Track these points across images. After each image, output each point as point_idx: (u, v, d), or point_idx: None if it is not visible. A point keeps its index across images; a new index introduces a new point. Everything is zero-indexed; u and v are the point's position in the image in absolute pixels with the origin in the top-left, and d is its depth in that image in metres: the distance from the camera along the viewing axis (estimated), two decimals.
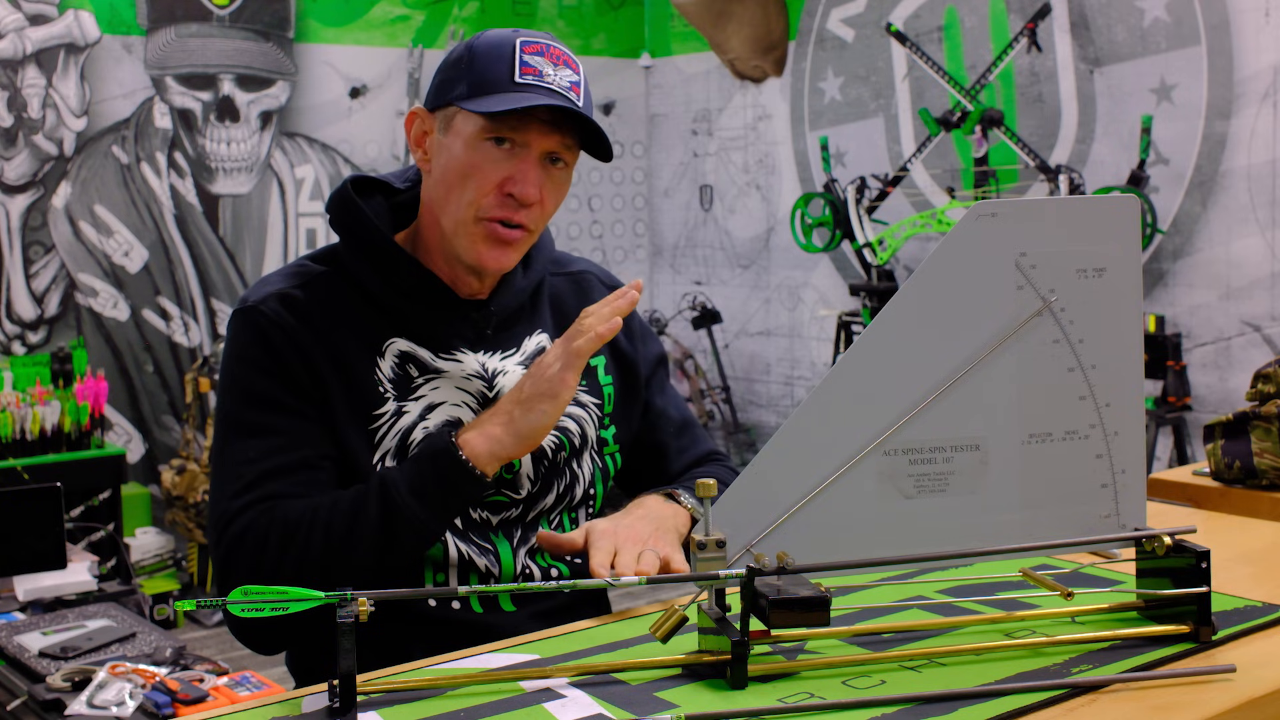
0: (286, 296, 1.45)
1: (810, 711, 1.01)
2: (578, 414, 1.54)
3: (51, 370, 4.71)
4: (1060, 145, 4.78)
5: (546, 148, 1.42)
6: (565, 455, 1.52)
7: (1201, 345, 4.38)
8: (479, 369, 1.49)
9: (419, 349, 1.47)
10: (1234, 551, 1.46)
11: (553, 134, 1.41)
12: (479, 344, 1.50)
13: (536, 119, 1.39)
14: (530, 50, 1.41)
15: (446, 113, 1.44)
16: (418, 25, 5.92)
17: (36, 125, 4.97)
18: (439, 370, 1.47)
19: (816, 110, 5.76)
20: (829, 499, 1.13)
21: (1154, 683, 1.06)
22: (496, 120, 1.39)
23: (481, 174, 1.40)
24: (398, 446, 1.43)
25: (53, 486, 3.19)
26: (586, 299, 1.60)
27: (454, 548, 1.45)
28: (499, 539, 1.48)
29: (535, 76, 1.39)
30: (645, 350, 1.65)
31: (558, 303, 1.60)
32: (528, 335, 1.55)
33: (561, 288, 1.62)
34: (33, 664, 2.49)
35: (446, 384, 1.47)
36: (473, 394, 1.48)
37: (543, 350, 1.54)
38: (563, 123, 1.41)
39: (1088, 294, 1.17)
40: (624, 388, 1.62)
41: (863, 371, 1.14)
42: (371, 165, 5.80)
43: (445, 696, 1.06)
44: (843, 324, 5.27)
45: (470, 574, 1.46)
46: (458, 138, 1.42)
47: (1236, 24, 4.26)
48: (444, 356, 1.48)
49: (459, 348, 1.49)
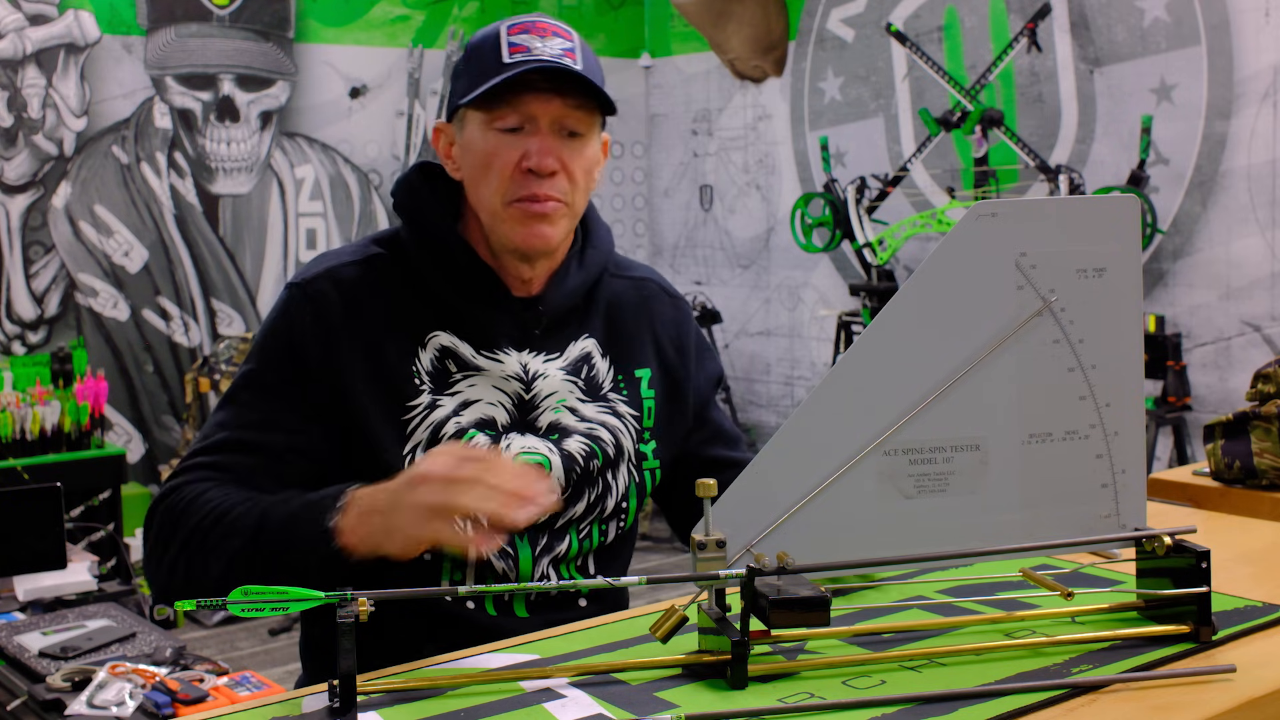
0: (338, 276, 1.46)
1: (810, 711, 1.01)
2: (613, 424, 1.51)
3: (51, 370, 4.71)
4: (1060, 145, 4.78)
5: (552, 116, 1.42)
6: (599, 464, 1.49)
7: (1201, 345, 4.38)
8: (519, 370, 1.47)
9: (460, 344, 1.46)
10: (1234, 551, 1.46)
11: (553, 99, 1.41)
12: (525, 343, 1.49)
13: (534, 89, 1.41)
14: (516, 30, 1.43)
15: (458, 117, 1.48)
16: (418, 25, 5.92)
17: (36, 125, 4.97)
18: (478, 368, 1.46)
19: (816, 110, 5.76)
20: (829, 499, 1.13)
21: (1154, 683, 1.06)
22: (494, 100, 1.41)
23: (499, 159, 1.42)
24: (429, 439, 1.42)
25: (53, 486, 3.19)
26: (648, 309, 1.59)
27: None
28: (521, 543, 1.46)
29: (523, 53, 1.41)
30: (703, 370, 1.63)
31: (614, 307, 1.57)
32: (574, 340, 1.53)
33: (622, 292, 1.59)
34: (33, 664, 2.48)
35: (484, 382, 1.46)
36: (509, 394, 1.46)
37: (588, 356, 1.52)
38: (563, 88, 1.42)
39: (1088, 294, 1.17)
40: (670, 405, 1.58)
41: (863, 371, 1.14)
42: (371, 165, 5.81)
43: (445, 696, 1.06)
44: (843, 324, 5.27)
45: (487, 575, 1.44)
46: (471, 134, 1.46)
47: (1236, 24, 4.26)
48: (485, 354, 1.46)
49: (504, 346, 1.48)
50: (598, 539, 1.51)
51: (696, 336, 1.65)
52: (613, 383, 1.54)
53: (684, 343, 1.62)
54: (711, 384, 1.65)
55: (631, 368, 1.56)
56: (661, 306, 1.62)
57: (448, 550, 1.42)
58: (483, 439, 1.43)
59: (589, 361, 1.53)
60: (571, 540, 1.48)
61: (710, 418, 1.65)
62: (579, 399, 1.50)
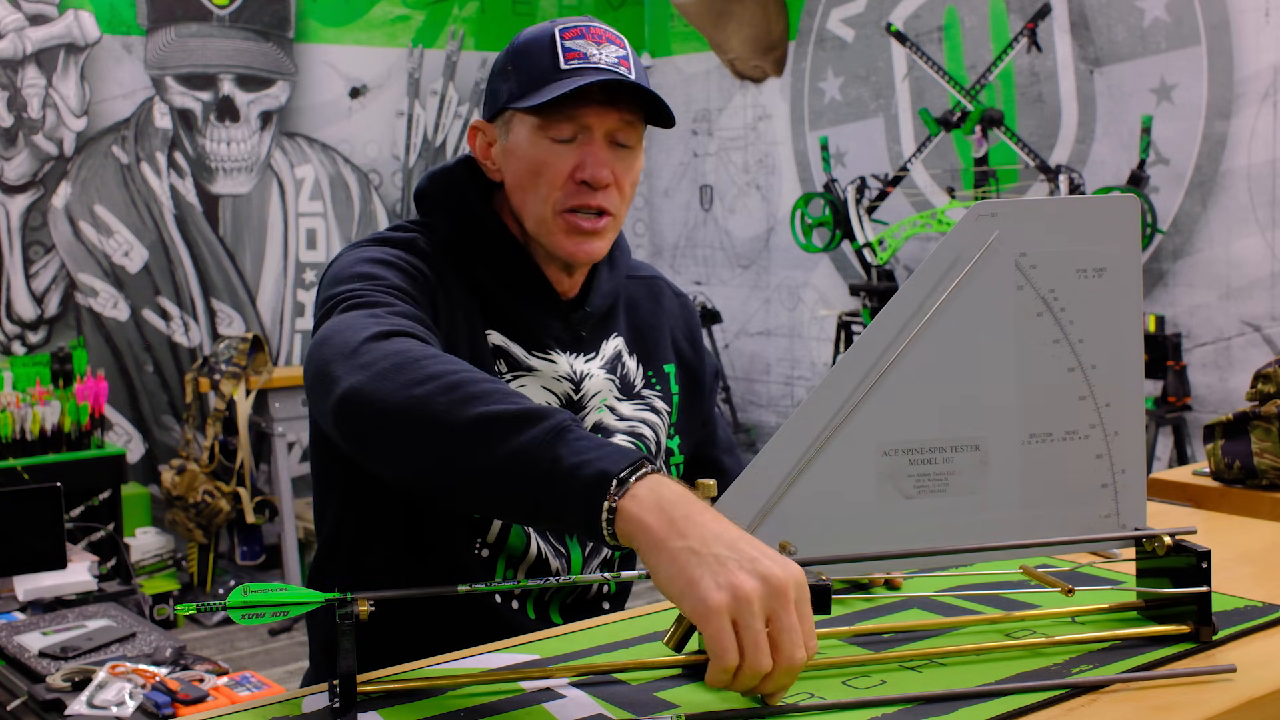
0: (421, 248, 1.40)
1: (810, 711, 1.00)
2: (652, 420, 1.51)
3: (51, 370, 4.72)
4: (1060, 145, 4.78)
5: (607, 128, 1.39)
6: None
7: (1201, 345, 4.38)
8: (569, 371, 1.46)
9: (512, 345, 1.44)
10: (1234, 551, 1.46)
11: (610, 112, 1.39)
12: (572, 345, 1.48)
13: (591, 101, 1.37)
14: (570, 35, 1.39)
15: (503, 118, 1.44)
16: (418, 25, 5.92)
17: (36, 125, 4.97)
18: (530, 368, 1.44)
19: (816, 110, 5.76)
20: (829, 499, 1.13)
21: (1154, 683, 1.06)
22: (551, 110, 1.37)
23: (551, 169, 1.39)
24: None
25: (53, 486, 3.19)
26: (659, 305, 1.60)
27: (535, 545, 1.41)
28: (573, 543, 1.45)
29: (580, 60, 1.37)
30: (706, 363, 1.65)
31: (633, 306, 1.58)
32: (606, 339, 1.52)
33: (636, 292, 1.60)
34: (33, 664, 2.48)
35: (534, 383, 1.44)
36: (559, 396, 1.45)
37: (619, 355, 1.52)
38: (619, 99, 1.39)
39: (1088, 294, 1.17)
40: (688, 399, 1.60)
41: (862, 371, 1.14)
42: (371, 165, 5.81)
43: (445, 696, 1.06)
44: (843, 324, 5.27)
45: (544, 574, 1.42)
46: (520, 139, 1.41)
47: (1236, 24, 4.26)
48: (537, 355, 1.45)
49: (553, 348, 1.46)
50: None
51: (699, 330, 1.67)
52: (644, 379, 1.54)
53: (695, 336, 1.64)
54: (711, 378, 1.67)
55: (659, 364, 1.57)
56: (670, 304, 1.63)
57: (509, 545, 1.38)
58: None
59: (620, 360, 1.53)
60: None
61: (711, 416, 1.67)
62: (616, 397, 1.50)
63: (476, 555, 1.39)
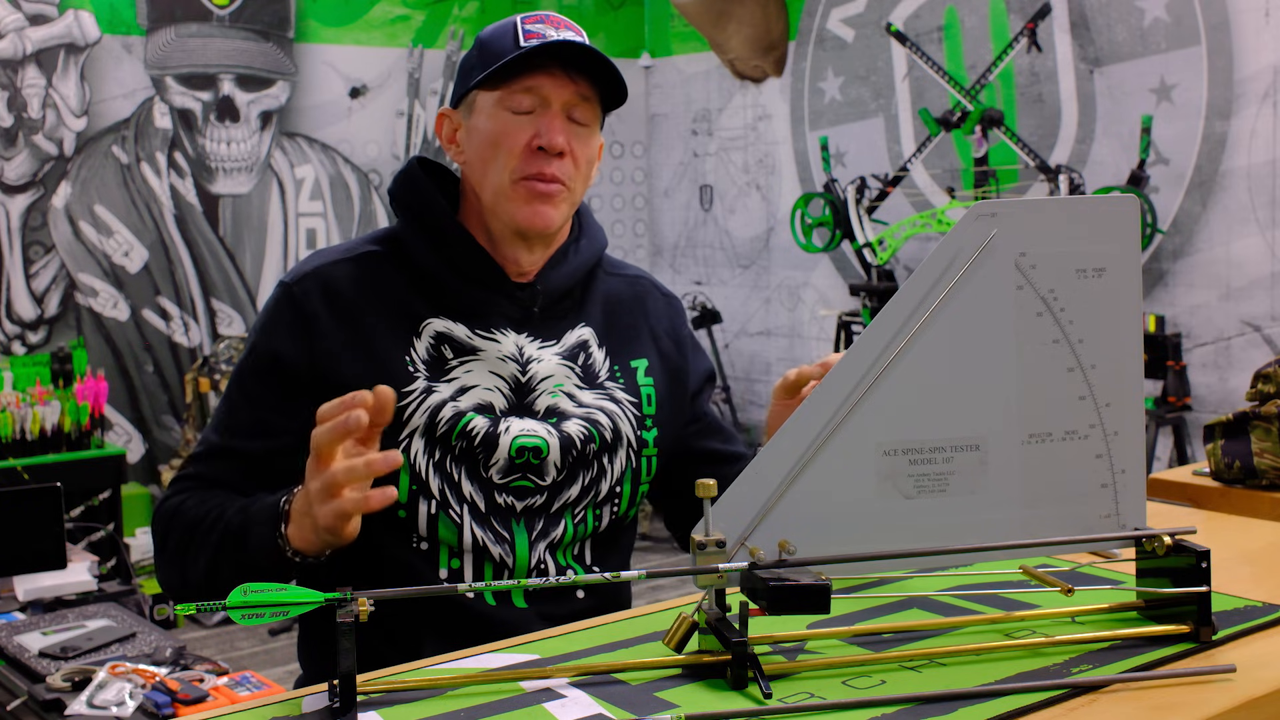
0: (325, 274, 1.49)
1: (810, 711, 1.00)
2: (610, 409, 1.53)
3: (51, 370, 4.72)
4: (1060, 145, 4.78)
5: (564, 99, 1.47)
6: (595, 448, 1.51)
7: (1201, 345, 4.38)
8: (515, 351, 1.49)
9: (455, 326, 1.48)
10: (1234, 551, 1.46)
11: (566, 83, 1.46)
12: (523, 325, 1.51)
13: (547, 73, 1.45)
14: (531, 21, 1.49)
15: (467, 100, 1.52)
16: (418, 25, 5.92)
17: (36, 125, 4.97)
18: (474, 349, 1.48)
19: (816, 110, 5.76)
20: (828, 499, 1.13)
21: (1154, 683, 1.06)
22: (510, 80, 1.45)
23: (510, 138, 1.46)
24: (426, 424, 1.44)
25: (53, 486, 3.19)
26: (643, 304, 1.64)
27: (469, 532, 1.45)
28: (518, 527, 1.47)
29: (539, 39, 1.45)
30: (697, 364, 1.67)
31: (611, 301, 1.61)
32: (571, 328, 1.55)
33: (618, 288, 1.63)
34: (33, 664, 2.48)
35: (480, 367, 1.48)
36: (505, 378, 1.48)
37: (585, 344, 1.56)
38: (575, 74, 1.46)
39: (1088, 294, 1.17)
40: (670, 395, 1.61)
41: (862, 371, 1.14)
42: (371, 165, 5.81)
43: (445, 696, 1.06)
44: (843, 324, 5.27)
45: (484, 561, 1.46)
46: (481, 115, 1.49)
47: (1236, 24, 4.26)
48: (481, 334, 1.49)
49: (501, 326, 1.50)
50: (592, 524, 1.52)
51: (688, 331, 1.70)
52: (609, 372, 1.57)
53: (679, 335, 1.67)
54: (703, 378, 1.69)
55: (627, 358, 1.59)
56: (655, 303, 1.66)
57: (441, 537, 1.45)
58: (481, 422, 1.45)
59: (585, 349, 1.55)
60: (567, 525, 1.50)
61: (704, 410, 1.69)
62: (576, 385, 1.52)
63: (416, 549, 1.45)
